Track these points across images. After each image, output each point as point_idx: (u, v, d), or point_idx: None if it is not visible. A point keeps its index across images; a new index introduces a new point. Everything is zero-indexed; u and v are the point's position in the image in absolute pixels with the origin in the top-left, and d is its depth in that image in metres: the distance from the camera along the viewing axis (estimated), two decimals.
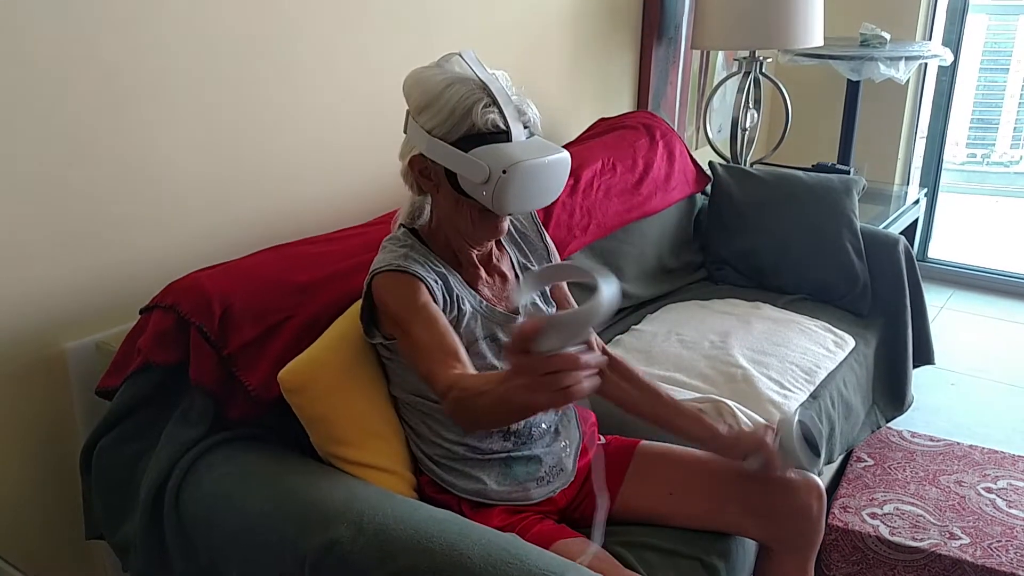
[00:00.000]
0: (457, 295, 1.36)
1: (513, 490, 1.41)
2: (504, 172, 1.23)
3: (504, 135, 1.26)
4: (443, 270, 1.37)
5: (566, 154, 1.31)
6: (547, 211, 2.08)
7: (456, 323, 1.35)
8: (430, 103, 1.27)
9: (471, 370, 1.22)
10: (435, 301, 1.31)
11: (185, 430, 1.43)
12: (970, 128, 5.35)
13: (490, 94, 1.26)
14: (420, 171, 1.34)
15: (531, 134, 1.31)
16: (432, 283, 1.32)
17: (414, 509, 1.25)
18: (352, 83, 1.93)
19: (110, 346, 1.53)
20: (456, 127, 1.26)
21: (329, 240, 1.69)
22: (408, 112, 1.33)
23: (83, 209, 1.51)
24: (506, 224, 1.38)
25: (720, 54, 3.37)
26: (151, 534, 1.42)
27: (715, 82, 3.29)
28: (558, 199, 2.09)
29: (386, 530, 1.20)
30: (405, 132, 1.35)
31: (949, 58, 3.22)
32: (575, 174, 2.20)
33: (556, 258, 1.58)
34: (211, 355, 1.42)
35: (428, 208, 1.44)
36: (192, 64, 1.61)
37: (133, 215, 1.59)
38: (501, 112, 1.26)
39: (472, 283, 1.42)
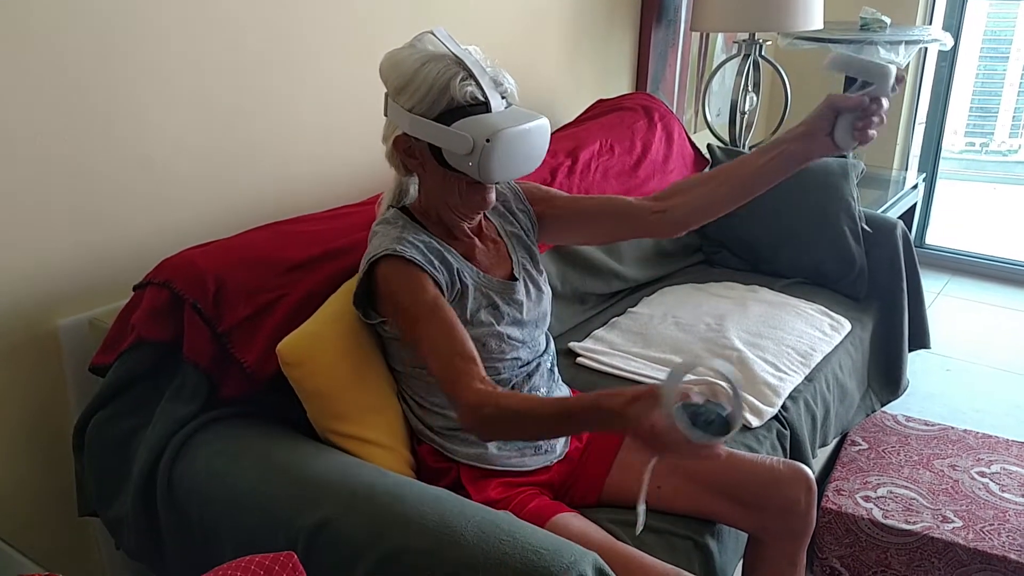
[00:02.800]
0: (457, 270, 1.37)
1: (511, 455, 1.43)
2: (488, 141, 1.25)
3: (483, 106, 1.28)
4: (439, 247, 1.37)
5: (545, 120, 1.34)
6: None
7: (461, 296, 1.37)
8: (408, 83, 1.29)
9: (484, 374, 1.23)
10: (439, 286, 1.32)
11: (178, 407, 1.43)
12: (969, 116, 5.33)
13: (466, 68, 1.28)
14: (404, 151, 1.36)
15: (508, 104, 1.33)
16: (435, 271, 1.33)
17: (408, 486, 1.25)
18: (347, 63, 1.91)
19: (103, 323, 1.52)
20: (436, 103, 1.28)
21: (323, 218, 1.68)
22: (387, 95, 1.35)
23: (76, 186, 1.50)
24: (493, 195, 1.39)
25: (719, 37, 3.35)
26: (144, 511, 1.42)
27: (714, 65, 3.27)
28: (555, 180, 2.09)
29: (379, 507, 1.20)
30: (386, 115, 1.37)
31: (949, 43, 3.20)
32: (573, 155, 2.19)
33: (542, 191, 1.59)
34: (205, 332, 1.42)
35: (413, 188, 1.45)
36: (188, 43, 1.60)
37: (127, 192, 1.58)
38: (478, 84, 1.28)
39: (468, 255, 1.43)
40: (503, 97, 1.32)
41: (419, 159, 1.35)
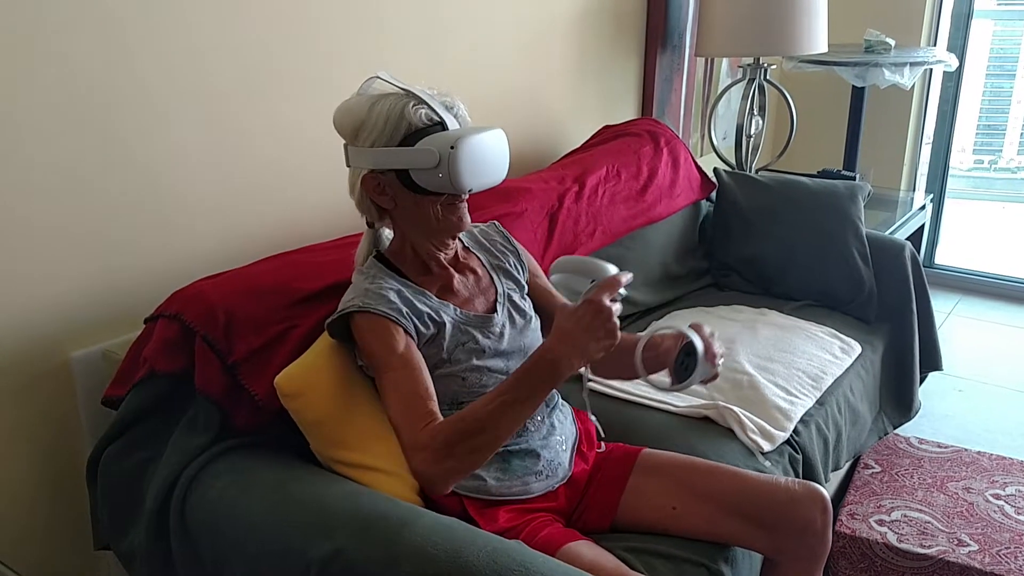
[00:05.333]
0: (430, 313, 1.40)
1: (512, 484, 1.42)
2: (452, 147, 1.32)
3: (440, 125, 1.36)
4: (410, 294, 1.40)
5: (500, 130, 1.42)
6: (551, 218, 2.08)
7: (437, 337, 1.40)
8: (363, 123, 1.37)
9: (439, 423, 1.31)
10: (410, 334, 1.36)
11: (191, 439, 1.43)
12: (977, 134, 5.33)
13: (415, 96, 1.36)
14: (374, 189, 1.40)
15: (462, 125, 1.41)
16: (405, 321, 1.36)
17: (419, 516, 1.25)
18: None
19: (116, 355, 1.54)
20: (396, 131, 1.35)
21: (331, 248, 1.69)
22: (345, 145, 1.41)
23: (88, 219, 1.52)
24: (467, 214, 1.43)
25: (724, 61, 3.38)
26: (157, 543, 1.42)
27: (720, 89, 3.29)
28: (563, 205, 2.10)
29: (391, 537, 1.20)
30: (348, 165, 1.42)
31: (954, 64, 3.21)
32: (580, 180, 2.20)
33: (527, 258, 1.62)
34: (216, 363, 1.42)
35: (386, 233, 1.50)
36: (195, 75, 1.62)
37: (138, 224, 1.59)
38: (430, 107, 1.36)
39: (446, 288, 1.46)
40: (456, 118, 1.40)
41: (390, 193, 1.40)
